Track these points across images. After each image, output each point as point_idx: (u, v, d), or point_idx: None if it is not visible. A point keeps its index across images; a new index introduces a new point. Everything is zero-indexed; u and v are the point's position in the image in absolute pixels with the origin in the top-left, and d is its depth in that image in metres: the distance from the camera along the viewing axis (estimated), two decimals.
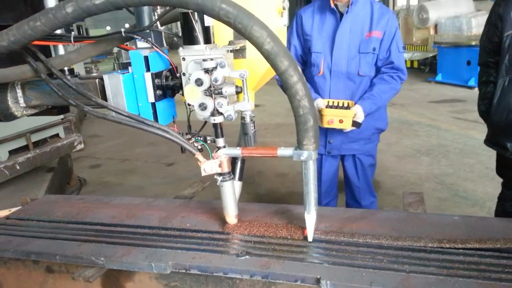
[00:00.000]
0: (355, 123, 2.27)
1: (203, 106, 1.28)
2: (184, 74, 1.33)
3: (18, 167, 3.14)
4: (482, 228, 1.36)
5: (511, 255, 1.20)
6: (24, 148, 3.28)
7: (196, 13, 1.28)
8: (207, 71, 1.26)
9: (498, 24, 2.10)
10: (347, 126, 2.27)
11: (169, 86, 1.41)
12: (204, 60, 1.26)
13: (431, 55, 10.51)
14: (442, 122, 6.51)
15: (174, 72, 1.43)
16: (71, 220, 1.65)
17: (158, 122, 1.39)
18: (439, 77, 9.63)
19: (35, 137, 3.34)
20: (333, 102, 2.34)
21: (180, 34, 1.38)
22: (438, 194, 3.90)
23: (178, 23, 1.37)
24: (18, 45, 1.27)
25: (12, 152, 3.20)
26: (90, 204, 1.81)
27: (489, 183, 4.01)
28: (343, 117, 2.25)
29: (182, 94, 1.34)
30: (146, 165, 5.32)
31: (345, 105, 2.31)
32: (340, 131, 2.39)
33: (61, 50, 1.52)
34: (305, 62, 2.50)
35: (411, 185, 4.17)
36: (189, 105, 1.32)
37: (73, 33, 1.43)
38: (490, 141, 2.33)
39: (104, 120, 1.48)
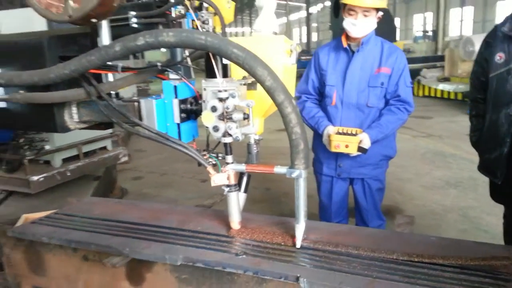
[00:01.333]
0: (361, 149, 2.48)
1: (216, 129, 1.57)
2: (204, 102, 1.62)
3: (68, 174, 3.57)
4: (454, 248, 1.53)
5: (471, 271, 1.37)
6: (76, 157, 3.72)
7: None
8: (221, 100, 1.55)
9: (484, 65, 2.32)
10: (353, 151, 2.49)
11: (192, 110, 1.72)
12: (219, 91, 1.55)
13: None
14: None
15: (197, 99, 1.73)
16: (106, 218, 1.97)
17: (181, 140, 1.69)
18: None
19: (85, 148, 3.78)
20: (343, 129, 2.57)
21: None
22: (459, 225, 3.94)
23: None
24: (77, 73, 1.63)
25: (65, 160, 3.64)
26: (123, 206, 2.13)
27: None
28: (348, 142, 2.48)
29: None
30: (182, 180, 5.69)
31: (353, 132, 2.54)
32: (349, 155, 2.60)
33: (110, 77, 1.87)
34: (322, 93, 2.75)
35: (434, 215, 4.22)
36: (207, 127, 1.61)
37: (120, 64, 1.77)
38: (482, 168, 2.51)
39: None
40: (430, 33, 23.79)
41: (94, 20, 1.65)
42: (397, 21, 38.74)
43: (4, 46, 1.93)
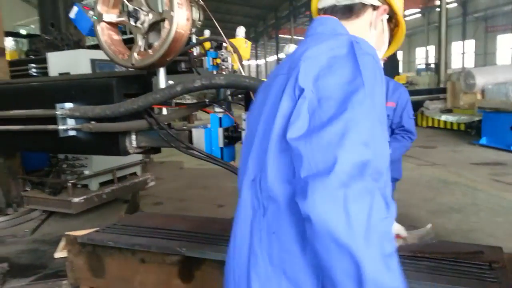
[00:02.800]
0: None
1: None
2: (243, 129, 2.03)
3: (104, 196, 3.95)
4: (451, 247, 1.89)
5: (458, 262, 1.73)
6: (110, 182, 4.12)
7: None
8: None
9: None
10: None
11: (232, 137, 2.12)
12: None
13: (477, 119, 10.75)
14: (480, 183, 6.77)
15: (237, 128, 2.14)
16: (158, 227, 2.35)
17: (223, 160, 2.09)
18: (483, 141, 9.83)
19: (119, 173, 4.18)
20: None
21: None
22: None
23: None
24: (142, 108, 2.05)
25: (101, 184, 4.04)
26: (170, 218, 2.51)
27: None
28: None
29: (241, 143, 2.04)
30: (200, 206, 6.03)
31: None
32: None
33: (164, 110, 2.29)
34: None
35: (438, 237, 4.51)
36: None
37: (174, 101, 2.19)
38: None
39: (165, 165, 2.17)
40: (433, 66, 24.44)
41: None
42: (399, 55, 39.73)
43: (77, 85, 2.37)
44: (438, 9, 18.54)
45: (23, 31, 13.73)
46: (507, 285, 1.54)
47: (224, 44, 2.29)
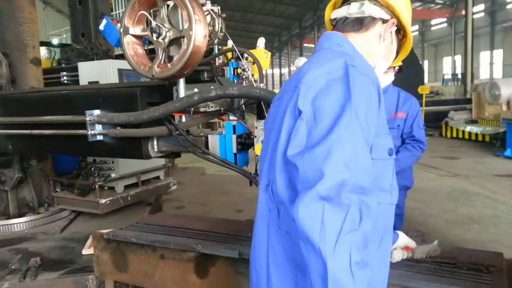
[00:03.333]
0: None
1: None
2: (255, 137, 2.18)
3: (129, 198, 4.16)
4: (452, 251, 1.98)
5: (457, 266, 1.82)
6: (135, 185, 4.33)
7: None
8: None
9: None
10: None
11: (246, 143, 2.28)
12: None
13: (502, 130, 10.58)
14: (501, 194, 6.69)
15: (250, 135, 2.30)
16: (178, 226, 2.52)
17: (237, 164, 2.25)
18: (508, 152, 9.67)
19: (143, 177, 4.39)
20: None
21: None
22: None
23: None
24: (163, 115, 2.23)
25: (126, 187, 4.26)
26: (189, 219, 2.70)
27: None
28: None
29: (253, 149, 2.19)
30: (220, 210, 6.21)
31: None
32: None
33: (183, 118, 2.47)
34: None
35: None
36: (256, 155, 2.16)
37: (192, 109, 2.37)
38: None
39: (188, 171, 2.33)
40: (460, 76, 24.05)
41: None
42: (425, 64, 39.18)
43: (105, 93, 2.59)
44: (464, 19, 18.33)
45: (55, 41, 14.37)
46: (500, 286, 1.63)
47: (245, 55, 2.44)
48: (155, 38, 2.18)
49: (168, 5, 2.13)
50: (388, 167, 1.32)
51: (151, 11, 2.27)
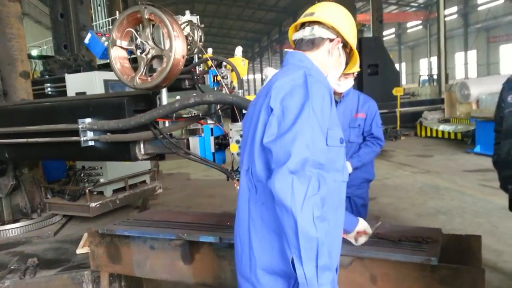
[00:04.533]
0: None
1: (238, 154, 2.43)
2: (230, 137, 2.50)
3: (117, 202, 4.42)
4: (399, 229, 2.33)
5: (401, 240, 2.17)
6: (123, 189, 4.60)
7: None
8: (241, 135, 2.42)
9: (502, 104, 3.01)
10: None
11: (222, 143, 2.60)
12: (240, 130, 2.43)
13: (472, 128, 11.14)
14: (469, 188, 7.16)
15: (226, 136, 2.62)
16: (164, 220, 2.82)
17: (215, 162, 2.56)
18: (477, 149, 10.21)
19: (130, 181, 4.66)
20: None
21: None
22: None
23: None
24: (149, 121, 2.54)
25: (115, 191, 4.52)
26: (174, 214, 2.99)
27: (491, 237, 4.69)
28: None
29: (229, 148, 2.51)
30: (206, 212, 6.50)
31: None
32: None
33: (166, 123, 2.77)
34: None
35: None
36: (232, 154, 2.48)
37: (174, 115, 2.68)
38: (502, 186, 3.10)
39: (174, 176, 2.62)
40: (436, 77, 24.81)
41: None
42: (403, 66, 40.15)
43: (95, 103, 2.88)
44: None
45: (34, 52, 14.46)
46: (431, 253, 1.98)
47: (224, 63, 2.74)
48: (138, 53, 2.48)
49: (153, 25, 2.44)
50: (341, 152, 1.66)
51: (137, 27, 2.57)
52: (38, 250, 3.76)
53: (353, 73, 3.35)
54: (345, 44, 1.79)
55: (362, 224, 2.14)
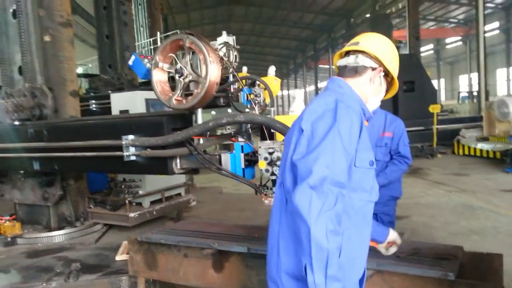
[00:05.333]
0: None
1: (267, 171, 2.61)
2: (259, 155, 2.68)
3: (154, 213, 4.70)
4: (422, 245, 2.42)
5: (422, 255, 2.26)
6: (159, 201, 4.87)
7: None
8: (270, 153, 2.60)
9: None
10: None
11: (252, 160, 2.79)
12: (269, 148, 2.61)
13: (511, 147, 10.81)
14: (505, 208, 6.97)
15: (255, 153, 2.80)
16: (197, 230, 3.02)
17: (245, 177, 2.75)
18: None
19: (166, 194, 4.93)
20: None
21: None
22: None
23: None
24: (185, 138, 2.77)
25: (152, 202, 4.80)
26: (207, 224, 3.19)
27: None
28: None
29: (258, 165, 2.69)
30: None
31: None
32: None
33: (201, 140, 2.99)
34: None
35: None
36: (261, 170, 2.66)
37: (208, 132, 2.90)
38: None
39: (207, 190, 2.79)
40: (476, 94, 24.13)
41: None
42: (442, 82, 39.23)
43: (137, 121, 3.15)
44: None
45: (79, 70, 15.32)
46: (449, 268, 2.07)
47: (257, 82, 2.94)
48: (177, 77, 2.73)
49: (193, 52, 2.68)
50: (369, 174, 1.80)
51: (178, 53, 2.82)
52: (81, 256, 4.05)
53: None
54: (387, 73, 1.92)
55: (393, 235, 2.19)
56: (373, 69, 1.87)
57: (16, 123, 4.24)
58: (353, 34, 32.09)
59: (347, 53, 1.95)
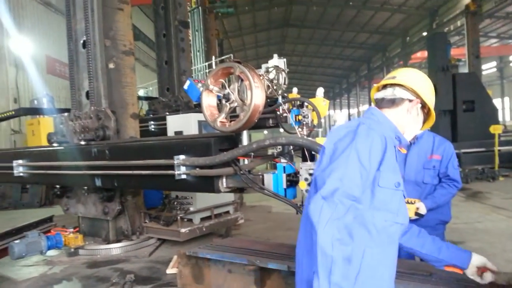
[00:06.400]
0: (418, 214, 3.35)
1: (307, 191, 2.71)
2: (301, 175, 2.80)
3: (204, 229, 4.92)
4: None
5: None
6: (209, 217, 5.09)
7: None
8: (310, 174, 2.71)
9: None
10: (411, 215, 3.36)
11: (293, 180, 2.90)
12: (310, 169, 2.72)
13: None
14: None
15: (296, 174, 2.92)
16: (242, 247, 3.16)
17: (286, 197, 2.87)
18: None
19: (216, 211, 5.15)
20: (405, 199, 3.48)
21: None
22: None
23: None
24: (231, 159, 2.94)
25: (202, 219, 5.03)
26: (252, 242, 3.32)
27: None
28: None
29: (299, 185, 2.80)
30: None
31: (412, 201, 3.42)
32: (415, 219, 3.42)
33: (245, 161, 3.16)
34: None
35: None
36: (302, 190, 2.76)
37: (252, 154, 3.05)
38: None
39: (256, 208, 2.92)
40: None
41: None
42: (506, 101, 37.02)
43: (188, 142, 3.38)
44: None
45: (141, 92, 16.28)
46: None
47: (305, 103, 3.06)
48: (224, 102, 2.94)
49: (241, 80, 2.86)
50: (396, 195, 1.86)
51: (227, 78, 3.03)
52: (135, 268, 4.33)
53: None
54: (423, 105, 2.00)
55: (479, 259, 2.04)
56: (410, 101, 1.96)
57: (82, 143, 4.66)
58: (409, 52, 31.41)
59: (384, 86, 2.05)
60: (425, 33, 27.74)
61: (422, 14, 27.59)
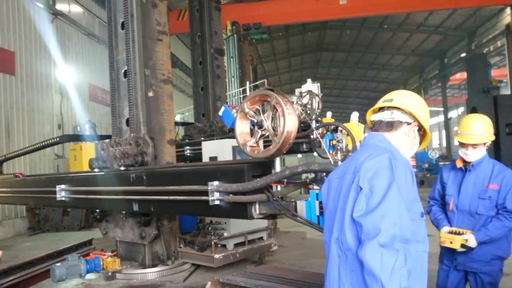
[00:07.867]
0: (465, 246, 3.20)
1: None
2: None
3: (237, 255, 4.90)
4: None
5: None
6: (242, 243, 5.08)
7: None
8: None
9: None
10: (456, 247, 3.24)
11: None
12: None
13: None
14: None
15: None
16: (274, 275, 3.14)
17: (319, 225, 2.84)
18: None
19: (249, 237, 5.13)
20: (456, 229, 3.34)
21: None
22: None
23: None
24: (264, 185, 2.96)
25: (235, 245, 5.03)
26: (284, 270, 3.30)
27: None
28: (452, 240, 3.25)
29: None
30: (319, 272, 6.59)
31: (461, 232, 3.28)
32: (465, 251, 3.27)
33: (278, 187, 3.16)
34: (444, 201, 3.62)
35: None
36: None
37: (285, 180, 3.06)
38: None
39: (290, 234, 2.93)
40: None
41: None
42: None
43: (222, 169, 3.44)
44: None
45: (177, 117, 16.73)
46: None
47: (340, 128, 3.05)
48: (256, 128, 2.98)
49: (276, 110, 2.88)
50: (421, 225, 1.85)
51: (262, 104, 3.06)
52: None
53: (484, 143, 3.33)
54: (419, 127, 2.04)
55: None
56: (408, 123, 1.99)
57: (122, 168, 4.82)
58: (447, 74, 30.70)
59: (381, 109, 2.05)
60: (463, 54, 27.13)
61: (460, 35, 27.08)
